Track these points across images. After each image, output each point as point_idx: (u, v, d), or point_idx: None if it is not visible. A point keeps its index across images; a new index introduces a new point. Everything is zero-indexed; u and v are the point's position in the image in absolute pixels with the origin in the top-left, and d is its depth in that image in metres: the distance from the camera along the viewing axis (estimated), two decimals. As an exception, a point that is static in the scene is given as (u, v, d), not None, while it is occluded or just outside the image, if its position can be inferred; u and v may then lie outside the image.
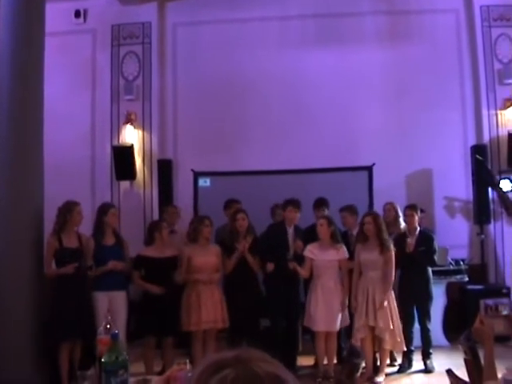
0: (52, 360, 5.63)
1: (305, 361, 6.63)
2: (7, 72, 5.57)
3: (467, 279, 7.59)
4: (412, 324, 6.41)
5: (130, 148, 8.58)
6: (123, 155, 8.53)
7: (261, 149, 8.54)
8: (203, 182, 8.50)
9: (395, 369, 6.41)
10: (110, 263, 5.93)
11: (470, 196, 8.32)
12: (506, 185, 7.85)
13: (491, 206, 8.12)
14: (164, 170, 8.64)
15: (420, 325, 6.46)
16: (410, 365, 6.39)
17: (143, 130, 8.76)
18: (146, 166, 8.73)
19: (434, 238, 6.60)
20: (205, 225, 6.19)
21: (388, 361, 6.39)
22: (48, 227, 5.85)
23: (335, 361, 6.26)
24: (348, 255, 6.23)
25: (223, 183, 8.34)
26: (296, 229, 6.56)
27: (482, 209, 8.09)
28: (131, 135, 8.71)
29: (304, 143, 8.48)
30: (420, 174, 8.47)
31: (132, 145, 8.61)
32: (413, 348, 6.41)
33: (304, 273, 6.23)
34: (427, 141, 8.36)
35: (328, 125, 8.53)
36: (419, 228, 6.60)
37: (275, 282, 6.36)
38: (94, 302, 5.86)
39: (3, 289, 5.46)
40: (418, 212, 6.65)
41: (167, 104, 8.95)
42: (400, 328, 6.07)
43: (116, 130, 8.75)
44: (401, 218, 6.80)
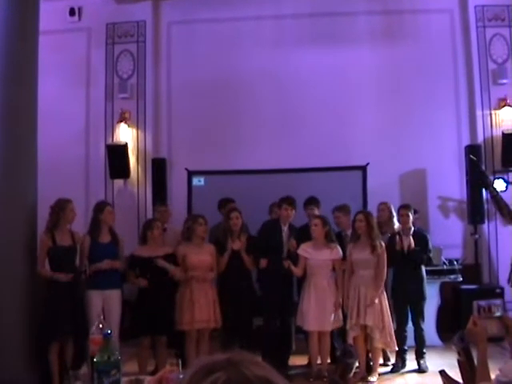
0: (44, 360, 5.61)
1: (298, 360, 6.62)
2: (1, 70, 5.54)
3: (461, 279, 7.61)
4: (406, 324, 6.42)
5: (124, 146, 8.57)
6: (117, 154, 8.53)
7: (255, 148, 8.53)
8: (197, 181, 8.48)
9: (389, 368, 6.42)
10: (105, 262, 5.90)
11: (464, 196, 8.33)
12: (500, 185, 7.86)
13: (485, 206, 8.13)
14: (158, 169, 8.61)
15: (414, 324, 6.46)
16: (404, 364, 6.40)
17: (137, 129, 8.75)
18: (140, 165, 8.72)
19: (429, 238, 6.62)
20: (199, 223, 6.19)
21: (382, 360, 6.42)
22: (41, 226, 5.82)
23: (329, 360, 6.27)
24: (342, 255, 6.23)
25: (217, 182, 8.33)
26: (290, 227, 6.56)
27: (476, 209, 8.10)
28: (125, 134, 8.70)
29: (298, 142, 8.47)
30: (414, 174, 8.48)
31: (126, 143, 8.61)
32: (406, 348, 6.42)
33: (298, 272, 6.24)
34: (421, 141, 8.38)
35: (322, 124, 8.52)
36: (413, 228, 6.61)
37: (269, 281, 6.37)
38: (88, 301, 5.84)
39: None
40: (412, 212, 6.66)
41: (161, 103, 8.93)
42: (391, 327, 6.08)
43: (110, 129, 8.75)
44: (395, 218, 6.81)
